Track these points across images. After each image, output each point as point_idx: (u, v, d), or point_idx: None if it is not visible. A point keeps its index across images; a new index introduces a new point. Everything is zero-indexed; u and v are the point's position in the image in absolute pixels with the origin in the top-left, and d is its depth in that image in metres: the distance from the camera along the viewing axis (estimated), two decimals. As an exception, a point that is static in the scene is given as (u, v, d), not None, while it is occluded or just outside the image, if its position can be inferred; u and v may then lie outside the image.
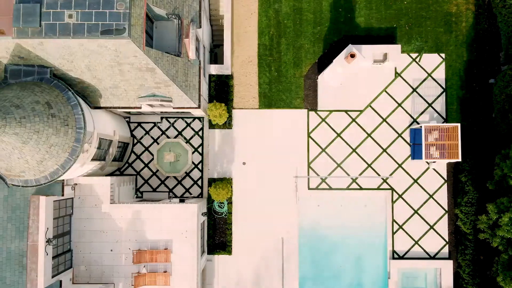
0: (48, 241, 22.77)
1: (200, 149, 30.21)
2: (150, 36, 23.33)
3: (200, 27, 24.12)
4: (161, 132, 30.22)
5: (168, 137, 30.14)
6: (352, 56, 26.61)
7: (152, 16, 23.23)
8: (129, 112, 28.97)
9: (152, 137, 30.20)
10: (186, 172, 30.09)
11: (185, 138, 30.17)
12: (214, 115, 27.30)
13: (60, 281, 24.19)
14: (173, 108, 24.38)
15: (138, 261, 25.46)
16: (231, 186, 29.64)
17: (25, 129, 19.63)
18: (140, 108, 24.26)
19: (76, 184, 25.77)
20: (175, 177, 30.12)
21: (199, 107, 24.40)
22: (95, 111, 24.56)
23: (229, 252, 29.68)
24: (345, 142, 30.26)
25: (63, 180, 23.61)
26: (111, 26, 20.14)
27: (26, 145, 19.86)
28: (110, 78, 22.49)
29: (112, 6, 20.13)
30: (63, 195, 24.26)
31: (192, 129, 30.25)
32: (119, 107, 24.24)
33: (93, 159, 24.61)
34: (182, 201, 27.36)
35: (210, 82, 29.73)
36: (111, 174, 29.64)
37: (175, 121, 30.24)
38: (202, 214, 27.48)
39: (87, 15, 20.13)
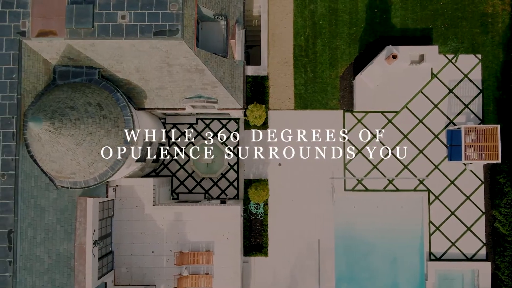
0: (95, 243, 22.67)
1: (235, 150, 30.10)
2: (196, 37, 23.20)
3: (245, 28, 24.01)
4: (196, 133, 30.12)
5: (203, 138, 30.04)
6: (394, 57, 26.49)
7: (199, 17, 23.12)
8: (165, 113, 28.89)
9: (187, 138, 30.09)
10: (222, 174, 29.98)
11: (220, 139, 30.07)
12: (254, 116, 27.19)
13: (105, 283, 24.11)
14: (218, 109, 24.25)
15: (181, 262, 25.36)
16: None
17: (79, 131, 19.54)
18: (184, 109, 24.15)
19: (117, 185, 25.68)
20: (211, 178, 30.01)
21: (243, 108, 24.29)
22: (138, 112, 24.45)
23: (266, 254, 29.55)
24: (381, 143, 30.14)
25: (107, 181, 23.52)
26: (164, 27, 20.05)
27: (80, 146, 19.77)
28: (158, 79, 22.40)
29: (165, 7, 20.05)
30: (107, 196, 24.19)
31: (228, 130, 30.15)
32: (163, 108, 24.14)
33: (136, 161, 24.50)
34: (223, 202, 27.24)
35: (246, 83, 29.62)
36: (147, 175, 29.54)
37: (210, 122, 30.13)
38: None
39: (140, 16, 20.06)
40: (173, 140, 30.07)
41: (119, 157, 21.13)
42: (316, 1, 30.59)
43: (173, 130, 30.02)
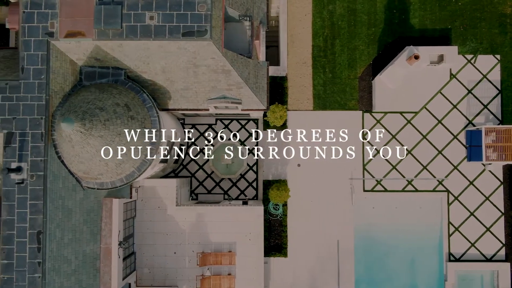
0: (120, 244, 22.66)
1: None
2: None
3: (268, 28, 23.99)
4: (215, 134, 30.11)
5: (222, 139, 30.03)
6: (416, 57, 26.47)
7: (224, 18, 23.09)
8: (184, 114, 28.88)
9: (206, 139, 30.09)
10: (241, 174, 29.96)
11: (239, 140, 30.06)
12: (275, 117, 27.17)
13: (129, 284, 24.09)
14: (241, 110, 24.23)
15: (203, 263, 25.34)
16: (287, 188, 29.52)
17: (108, 132, 19.53)
18: (207, 110, 24.14)
19: (139, 186, 25.66)
20: (230, 179, 30.00)
21: (267, 109, 24.28)
22: (161, 113, 24.42)
23: (285, 255, 29.52)
24: (400, 143, 30.13)
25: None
26: (193, 28, 20.03)
27: (109, 147, 19.74)
28: (183, 80, 22.38)
29: (193, 7, 20.02)
30: (131, 197, 24.19)
31: (247, 130, 30.14)
32: (187, 109, 24.12)
33: (160, 161, 24.49)
34: (244, 203, 27.21)
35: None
36: (166, 176, 29.52)
37: (229, 123, 30.12)
38: (262, 216, 27.34)
39: (168, 16, 20.03)
40: (192, 140, 30.06)
41: (148, 157, 21.10)
42: (334, 1, 30.59)
43: (192, 131, 30.01)
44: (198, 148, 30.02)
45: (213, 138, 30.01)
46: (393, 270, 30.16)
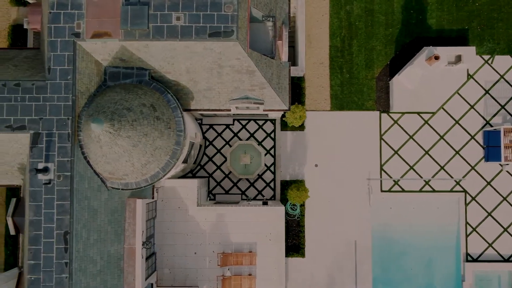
0: (144, 244, 22.67)
1: (272, 151, 30.10)
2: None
3: (290, 29, 23.99)
4: (233, 134, 30.12)
5: (240, 139, 30.03)
6: (437, 58, 26.49)
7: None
8: (202, 114, 28.89)
9: (224, 139, 30.10)
10: (258, 174, 29.97)
11: (257, 140, 30.06)
12: (295, 117, 27.20)
13: (152, 284, 24.11)
14: (263, 110, 24.23)
15: (224, 263, 25.35)
16: (305, 188, 29.54)
17: (136, 132, 19.54)
18: (229, 110, 24.14)
19: (160, 186, 25.67)
20: (247, 179, 30.01)
21: (289, 109, 24.29)
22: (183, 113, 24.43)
23: (302, 255, 29.52)
24: (418, 144, 30.14)
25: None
26: (219, 28, 20.02)
27: (136, 148, 19.78)
28: (207, 81, 22.39)
29: (220, 8, 20.01)
30: (153, 197, 24.20)
31: (264, 131, 30.15)
32: (209, 110, 24.12)
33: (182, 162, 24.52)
34: (265, 203, 27.23)
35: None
36: (184, 176, 29.53)
37: (247, 123, 30.13)
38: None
39: (195, 17, 20.02)
40: (209, 141, 30.07)
41: (169, 158, 21.11)
42: (352, 2, 30.60)
43: (209, 131, 30.02)
44: (215, 148, 30.01)
45: (230, 139, 30.00)
46: (410, 270, 30.19)
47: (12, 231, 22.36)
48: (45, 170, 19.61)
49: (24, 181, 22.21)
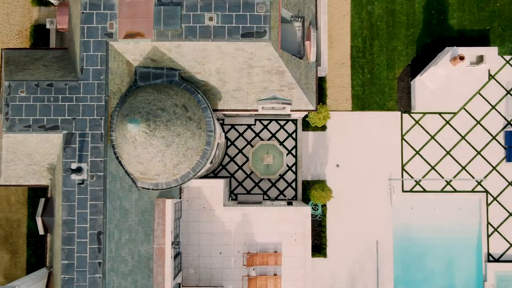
0: (173, 244, 22.70)
1: (293, 151, 30.13)
2: (274, 38, 23.21)
3: (317, 29, 24.02)
4: (254, 134, 30.15)
5: (261, 139, 30.06)
6: (462, 58, 26.51)
7: (277, 19, 23.14)
8: (224, 114, 28.91)
9: (245, 139, 30.13)
10: (280, 175, 30.00)
11: (278, 140, 30.08)
12: (319, 118, 27.24)
13: (179, 284, 24.14)
14: (290, 110, 24.24)
15: (251, 264, 25.37)
16: (327, 189, 29.55)
17: (169, 132, 19.58)
18: (256, 110, 24.15)
19: (186, 187, 25.69)
20: (269, 179, 30.03)
21: (316, 109, 24.31)
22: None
23: (324, 255, 29.55)
24: (439, 144, 30.16)
25: (182, 183, 23.54)
26: (252, 28, 20.07)
27: (169, 148, 19.81)
28: (236, 81, 22.41)
29: (253, 8, 20.06)
30: (180, 197, 24.22)
31: (286, 131, 30.18)
32: (235, 110, 24.13)
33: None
34: (289, 203, 27.25)
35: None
36: (206, 176, 29.56)
37: (268, 123, 30.16)
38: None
39: (227, 17, 20.07)
40: (231, 141, 30.09)
41: (200, 159, 21.14)
42: (373, 2, 30.62)
43: (231, 131, 30.05)
44: (236, 148, 30.04)
45: (252, 139, 30.03)
46: (431, 271, 30.20)
47: (41, 231, 22.38)
48: (79, 170, 19.65)
49: (53, 181, 22.26)
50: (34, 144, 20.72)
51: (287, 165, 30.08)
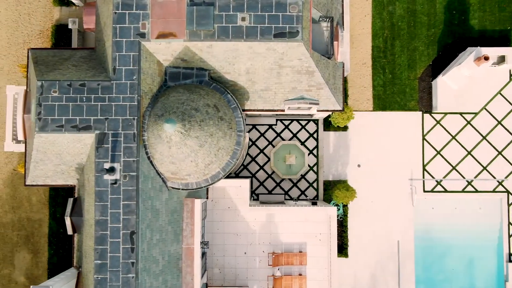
0: (202, 244, 22.72)
1: (315, 152, 30.14)
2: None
3: (344, 29, 24.03)
4: (275, 135, 30.16)
5: (283, 139, 30.07)
6: (486, 58, 26.53)
7: (307, 19, 23.14)
8: (246, 114, 28.89)
9: (267, 139, 30.14)
10: (301, 175, 30.01)
11: (300, 141, 30.10)
12: (342, 118, 27.26)
13: (206, 284, 24.15)
14: (317, 110, 24.26)
15: (276, 264, 25.39)
16: (349, 189, 29.56)
17: (203, 132, 19.59)
18: (283, 111, 24.17)
19: (211, 186, 25.68)
20: (290, 180, 30.05)
21: (343, 109, 24.33)
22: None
23: (346, 255, 29.56)
24: (460, 144, 30.18)
25: (209, 183, 23.54)
26: (284, 29, 20.09)
27: (202, 148, 19.83)
28: (265, 81, 22.42)
29: (285, 9, 20.08)
30: (207, 197, 24.23)
31: (307, 131, 30.19)
32: (262, 110, 24.13)
33: (235, 162, 24.54)
34: (314, 203, 27.27)
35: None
36: (228, 177, 29.51)
37: (289, 123, 30.17)
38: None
39: (260, 17, 20.08)
40: (252, 141, 30.11)
41: (230, 159, 21.17)
42: (394, 2, 30.63)
43: (252, 131, 30.06)
44: (257, 148, 30.06)
45: (273, 139, 30.04)
46: (452, 271, 30.23)
47: (70, 231, 22.39)
48: (112, 170, 19.66)
49: (81, 181, 22.28)
50: (65, 144, 20.73)
51: (309, 165, 30.09)
